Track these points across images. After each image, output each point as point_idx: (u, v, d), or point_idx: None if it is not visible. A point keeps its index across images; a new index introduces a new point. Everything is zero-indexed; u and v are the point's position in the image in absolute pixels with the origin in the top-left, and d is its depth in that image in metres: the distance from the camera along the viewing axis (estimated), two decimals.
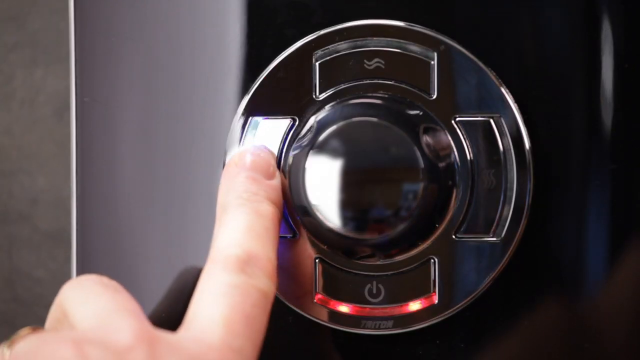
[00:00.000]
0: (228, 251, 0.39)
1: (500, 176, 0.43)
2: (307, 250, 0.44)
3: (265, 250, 0.40)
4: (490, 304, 0.44)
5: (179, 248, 0.45)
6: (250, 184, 0.42)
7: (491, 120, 0.43)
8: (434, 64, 0.43)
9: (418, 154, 0.42)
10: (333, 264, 0.44)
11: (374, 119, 0.43)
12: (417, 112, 0.43)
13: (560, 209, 0.43)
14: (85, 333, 0.36)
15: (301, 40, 0.44)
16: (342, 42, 0.44)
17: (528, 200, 0.43)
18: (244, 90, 0.45)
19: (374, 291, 0.44)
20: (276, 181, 0.43)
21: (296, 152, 0.43)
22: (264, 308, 0.39)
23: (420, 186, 0.42)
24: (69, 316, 0.38)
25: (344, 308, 0.44)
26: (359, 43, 0.44)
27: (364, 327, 0.44)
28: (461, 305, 0.43)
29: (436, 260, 0.43)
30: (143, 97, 0.45)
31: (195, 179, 0.45)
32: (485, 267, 0.43)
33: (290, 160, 0.43)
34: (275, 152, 0.44)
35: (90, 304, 0.38)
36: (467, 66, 0.43)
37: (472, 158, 0.43)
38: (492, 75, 0.43)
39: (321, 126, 0.43)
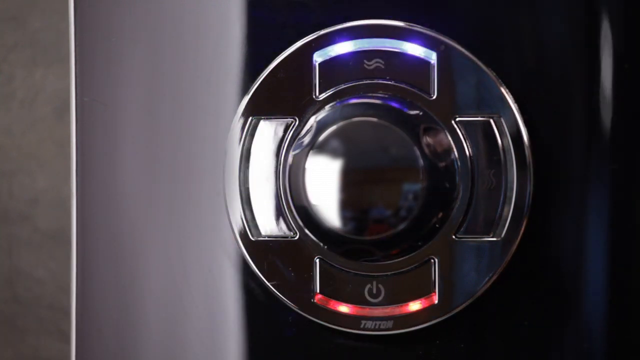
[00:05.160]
0: None
1: (500, 176, 0.43)
2: (307, 250, 0.44)
3: None
4: (490, 304, 0.44)
5: (179, 248, 0.45)
6: None
7: (491, 120, 0.43)
8: (434, 64, 0.43)
9: (418, 154, 0.42)
10: (333, 264, 0.44)
11: (374, 119, 0.43)
12: (417, 112, 0.43)
13: (560, 208, 0.43)
14: None
15: (301, 40, 0.44)
16: (342, 42, 0.44)
17: (528, 200, 0.43)
18: (244, 90, 0.45)
19: (374, 291, 0.44)
20: None
21: (296, 152, 0.43)
22: None
23: (420, 186, 0.42)
24: None
25: (343, 308, 0.44)
26: (358, 43, 0.44)
27: (363, 328, 0.44)
28: (461, 306, 0.43)
29: (436, 260, 0.43)
30: (143, 97, 0.45)
31: (195, 179, 0.45)
32: (485, 267, 0.43)
33: (290, 160, 0.43)
34: (275, 152, 0.44)
35: None
36: (467, 66, 0.43)
37: (472, 158, 0.43)
38: (492, 75, 0.43)
39: (321, 126, 0.43)
